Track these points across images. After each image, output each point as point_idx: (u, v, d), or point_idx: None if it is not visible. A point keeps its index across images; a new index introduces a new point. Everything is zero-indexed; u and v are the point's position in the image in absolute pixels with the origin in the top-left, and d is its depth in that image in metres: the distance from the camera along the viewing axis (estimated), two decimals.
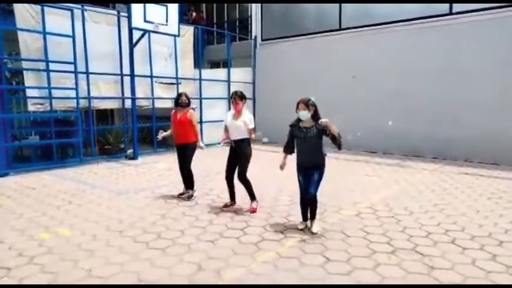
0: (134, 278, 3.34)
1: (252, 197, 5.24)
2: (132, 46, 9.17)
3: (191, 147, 5.79)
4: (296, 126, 4.39)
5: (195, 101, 11.05)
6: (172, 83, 10.89)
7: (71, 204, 5.62)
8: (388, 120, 10.21)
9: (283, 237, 4.30)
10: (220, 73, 12.90)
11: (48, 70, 8.14)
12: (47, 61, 8.10)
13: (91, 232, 4.44)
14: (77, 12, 8.56)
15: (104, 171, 8.20)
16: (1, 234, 4.38)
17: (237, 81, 12.91)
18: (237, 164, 5.11)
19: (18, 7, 7.84)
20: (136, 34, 9.12)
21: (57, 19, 8.27)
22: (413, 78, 9.77)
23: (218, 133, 11.59)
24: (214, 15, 17.26)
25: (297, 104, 4.30)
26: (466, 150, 9.02)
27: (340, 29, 11.21)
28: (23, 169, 7.94)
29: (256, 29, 13.42)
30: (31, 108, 8.31)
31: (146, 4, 8.67)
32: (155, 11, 8.87)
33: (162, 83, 10.70)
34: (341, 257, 3.75)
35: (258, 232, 4.44)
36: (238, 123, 5.06)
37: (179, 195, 5.98)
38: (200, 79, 11.68)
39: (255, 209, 5.16)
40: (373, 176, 7.58)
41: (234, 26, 16.49)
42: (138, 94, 9.80)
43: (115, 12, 9.79)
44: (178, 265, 3.59)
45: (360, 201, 5.75)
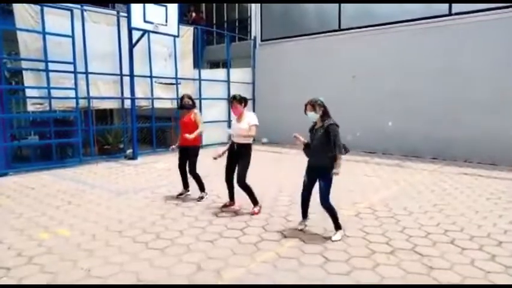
0: (133, 278, 3.34)
1: (255, 203, 5.13)
2: (132, 46, 9.18)
3: (195, 150, 5.72)
4: (312, 128, 4.33)
5: (195, 101, 11.04)
6: (172, 83, 10.89)
7: (70, 204, 5.62)
8: (388, 120, 10.22)
9: (282, 237, 4.31)
10: (219, 73, 12.90)
11: (47, 70, 8.14)
12: (47, 61, 8.10)
13: (90, 232, 4.44)
14: (76, 12, 8.56)
15: (103, 171, 8.20)
16: (0, 234, 4.38)
17: (237, 81, 12.93)
18: (237, 167, 5.01)
19: (17, 7, 7.84)
20: (136, 34, 9.13)
21: (56, 19, 8.27)
22: (413, 78, 9.78)
23: (217, 133, 11.73)
24: (213, 15, 17.26)
25: (305, 106, 4.22)
26: (466, 150, 9.03)
27: (340, 30, 11.22)
28: (23, 169, 7.94)
29: (255, 29, 13.43)
30: (30, 108, 8.31)
31: (145, 4, 8.67)
32: (154, 11, 8.87)
33: (162, 83, 10.71)
34: (341, 257, 3.75)
35: (258, 232, 4.44)
36: (242, 125, 4.97)
37: (178, 195, 5.98)
38: (200, 79, 11.68)
39: (256, 213, 5.07)
40: (372, 176, 7.59)
41: (234, 27, 16.50)
42: (137, 94, 9.80)
43: (115, 12, 9.80)
44: (178, 265, 3.58)
45: (359, 201, 5.75)
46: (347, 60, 10.99)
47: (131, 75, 9.32)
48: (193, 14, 15.12)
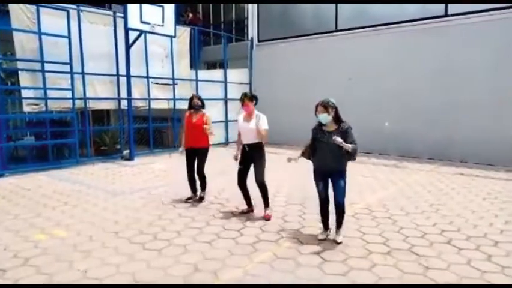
0: (130, 279, 3.32)
1: (266, 204, 4.99)
2: (128, 47, 9.16)
3: (204, 151, 5.64)
4: (318, 129, 4.13)
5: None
6: (169, 84, 10.87)
7: (66, 205, 5.59)
8: (384, 121, 10.25)
9: (279, 237, 4.31)
10: (216, 74, 12.89)
11: (43, 71, 8.10)
12: (43, 61, 8.06)
13: (87, 233, 4.42)
14: (73, 12, 8.52)
15: (100, 172, 8.17)
16: None
17: (234, 82, 12.93)
18: (253, 168, 4.88)
19: (13, 7, 7.80)
20: (132, 35, 9.11)
21: (53, 19, 8.23)
22: (409, 79, 9.82)
23: (215, 134, 11.65)
24: (210, 16, 17.27)
25: (316, 107, 4.04)
26: (462, 151, 9.06)
27: (336, 30, 11.25)
28: (19, 170, 7.90)
29: (252, 30, 13.43)
30: (26, 108, 8.27)
31: (142, 5, 8.65)
32: (151, 12, 8.86)
33: (158, 84, 10.68)
34: (338, 258, 3.75)
35: (255, 233, 4.44)
36: (251, 125, 4.82)
37: (187, 200, 5.79)
38: (196, 80, 11.66)
39: (270, 217, 4.91)
40: (369, 177, 7.60)
41: (231, 27, 16.51)
42: (134, 95, 9.77)
43: (111, 12, 9.77)
44: (175, 266, 3.57)
45: (356, 201, 5.76)
46: (344, 60, 11.01)
47: (127, 75, 9.30)
48: (190, 15, 15.12)
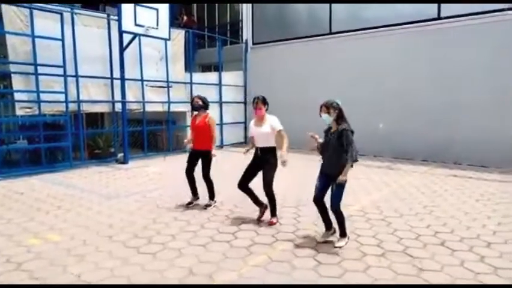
0: (124, 283, 3.31)
1: (273, 214, 4.88)
2: (122, 49, 9.13)
3: (209, 155, 5.49)
4: (327, 131, 4.15)
5: (186, 105, 11.04)
6: (163, 87, 10.85)
7: (60, 209, 5.55)
8: (378, 123, 10.31)
9: (274, 240, 4.31)
10: (211, 77, 12.90)
11: (37, 74, 8.05)
12: (36, 64, 8.01)
13: (81, 237, 4.39)
14: (66, 15, 8.49)
15: (94, 175, 8.13)
16: None
17: (229, 84, 12.94)
18: (262, 175, 4.75)
19: (6, 10, 7.75)
20: (127, 37, 9.09)
21: (46, 22, 8.19)
22: (403, 81, 9.89)
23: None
24: (205, 19, 17.29)
25: (320, 107, 4.07)
26: (456, 152, 9.14)
27: (331, 33, 11.31)
28: (11, 174, 7.82)
29: (247, 33, 13.47)
30: (19, 112, 8.19)
31: (136, 7, 8.63)
32: (145, 15, 8.84)
33: (153, 87, 10.66)
34: (332, 260, 3.76)
35: (250, 236, 4.44)
36: (264, 129, 4.73)
37: (187, 204, 5.68)
38: (191, 83, 11.65)
39: (275, 223, 4.81)
40: (363, 179, 7.63)
41: (225, 30, 16.54)
42: (129, 98, 9.74)
43: (105, 15, 9.74)
44: (169, 270, 3.56)
45: (350, 203, 5.77)
46: (338, 63, 11.07)
47: (122, 78, 9.27)
48: (184, 18, 15.14)
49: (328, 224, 4.28)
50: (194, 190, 5.74)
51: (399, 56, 9.99)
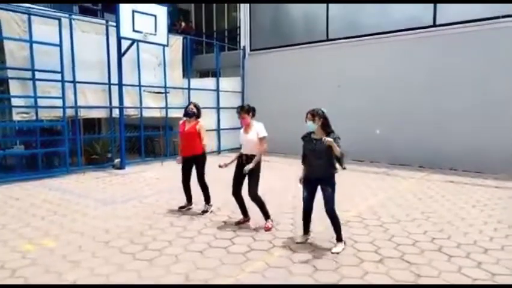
0: None
1: (266, 216, 4.92)
2: (120, 55, 9.15)
3: (201, 158, 5.52)
4: (307, 137, 4.26)
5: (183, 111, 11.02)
6: (161, 92, 10.86)
7: (56, 214, 5.52)
8: (375, 129, 10.34)
9: (271, 246, 4.30)
10: (209, 82, 12.91)
11: (34, 79, 8.04)
12: (33, 70, 8.01)
13: (76, 243, 4.36)
14: (64, 21, 8.51)
15: (90, 181, 8.09)
16: None
17: (226, 90, 12.96)
18: (247, 181, 4.80)
19: (4, 16, 7.76)
20: (125, 43, 9.11)
21: (44, 28, 8.20)
22: (400, 88, 9.94)
23: (207, 142, 11.63)
24: (203, 25, 17.35)
25: (306, 115, 4.20)
26: (452, 159, 9.16)
27: (327, 40, 11.37)
28: (7, 179, 7.77)
29: (245, 39, 13.53)
30: (16, 117, 8.17)
31: (134, 13, 8.66)
32: (144, 21, 8.87)
33: (151, 92, 10.67)
34: (329, 266, 3.75)
35: (247, 242, 4.42)
36: (250, 136, 4.79)
37: (180, 208, 5.72)
38: (189, 88, 11.67)
39: (270, 228, 4.84)
40: (360, 185, 7.63)
41: (223, 36, 16.60)
42: (126, 103, 9.74)
43: (103, 21, 9.77)
44: (166, 276, 3.54)
45: (348, 209, 5.78)
46: (335, 69, 11.12)
47: (119, 84, 9.28)
48: (182, 24, 15.20)
49: (307, 228, 4.48)
50: (189, 196, 5.78)
51: (394, 64, 10.04)
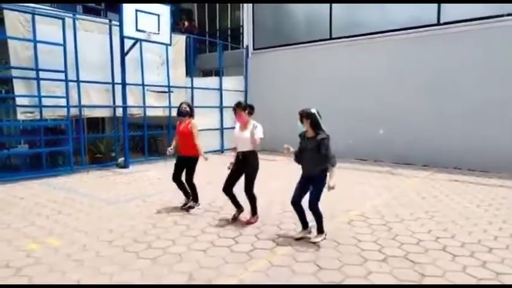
0: None
1: (254, 212, 5.06)
2: (124, 55, 9.17)
3: (193, 160, 5.60)
4: (302, 136, 4.38)
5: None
6: (164, 92, 10.87)
7: (60, 213, 5.54)
8: (379, 128, 10.31)
9: (275, 245, 4.29)
10: (212, 81, 12.92)
11: (38, 78, 8.08)
12: (37, 69, 8.04)
13: (81, 242, 4.38)
14: (68, 20, 8.53)
15: (94, 180, 8.12)
16: None
17: (229, 89, 12.95)
18: (244, 177, 4.91)
19: (8, 15, 7.79)
20: (128, 43, 9.12)
21: (48, 27, 8.22)
22: (404, 87, 9.90)
23: (210, 141, 11.68)
24: (206, 24, 17.35)
25: (299, 115, 4.31)
26: (456, 157, 9.12)
27: (331, 38, 11.34)
28: (12, 178, 7.82)
29: (248, 38, 13.51)
30: (20, 116, 8.21)
31: (138, 13, 8.67)
32: (147, 20, 8.88)
33: (154, 92, 10.69)
34: (333, 265, 3.75)
35: (250, 241, 4.42)
36: (245, 134, 4.88)
37: (182, 206, 5.76)
38: (192, 87, 11.68)
39: (252, 222, 4.98)
40: (364, 184, 7.62)
41: (226, 35, 16.59)
42: (129, 102, 9.76)
43: (107, 20, 9.79)
44: (170, 275, 3.55)
45: (351, 208, 5.76)
46: (338, 68, 11.09)
47: (123, 83, 9.29)
48: (185, 23, 15.20)
49: (305, 224, 4.52)
50: (186, 192, 5.82)
51: (397, 62, 10.00)
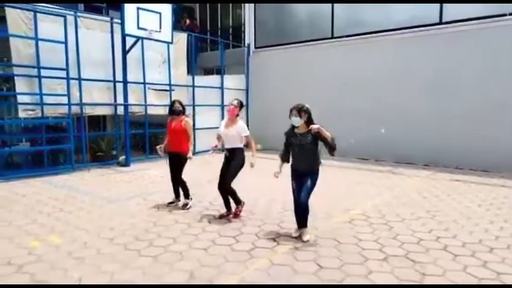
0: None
1: (237, 202, 5.20)
2: (125, 53, 9.16)
3: (182, 157, 5.66)
4: (291, 132, 4.40)
5: (188, 108, 11.03)
6: (165, 90, 10.87)
7: (61, 211, 5.55)
8: (380, 128, 10.30)
9: (276, 244, 4.29)
10: (213, 80, 12.91)
11: (40, 76, 8.08)
12: (39, 67, 8.04)
13: (82, 240, 4.39)
14: (70, 18, 8.53)
15: (95, 178, 8.14)
16: None
17: (231, 88, 12.95)
18: (227, 171, 5.06)
19: (10, 13, 7.79)
20: (129, 41, 9.12)
21: (50, 25, 8.22)
22: (405, 86, 9.88)
23: (211, 140, 11.65)
24: (207, 22, 17.32)
25: (290, 111, 4.32)
26: (457, 157, 9.11)
27: (332, 37, 11.32)
28: (13, 176, 7.83)
29: (249, 37, 13.50)
30: (22, 114, 8.21)
31: (139, 11, 8.66)
32: (148, 18, 8.87)
33: (155, 90, 10.69)
34: (334, 264, 3.75)
35: (251, 239, 4.43)
36: (231, 132, 5.03)
37: (169, 203, 5.88)
38: (193, 86, 11.68)
39: (238, 213, 5.15)
40: (365, 183, 7.61)
41: (228, 34, 16.57)
42: (131, 101, 9.76)
43: (108, 18, 9.79)
44: (171, 273, 3.55)
45: (352, 207, 5.76)
46: (340, 67, 11.07)
47: (124, 81, 9.30)
48: (187, 21, 15.17)
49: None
50: (177, 192, 5.92)
51: (399, 61, 9.96)
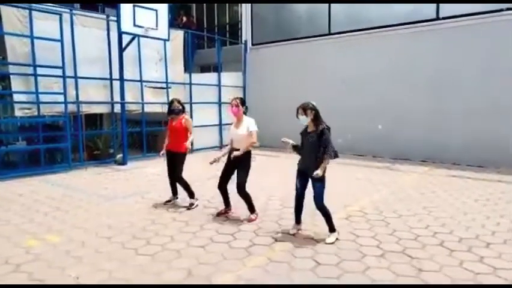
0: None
1: (252, 211, 5.05)
2: (121, 50, 9.12)
3: (182, 156, 5.63)
4: (304, 131, 4.37)
5: (186, 106, 11.00)
6: (162, 88, 10.84)
7: (59, 210, 5.54)
8: (378, 124, 10.31)
9: (273, 241, 4.30)
10: (210, 77, 12.88)
11: (36, 74, 8.04)
12: (35, 66, 8.00)
13: (79, 238, 4.38)
14: (65, 16, 8.48)
15: (93, 176, 8.12)
16: None
17: (228, 85, 12.93)
18: (236, 176, 4.91)
19: (5, 11, 7.73)
20: (126, 38, 9.08)
21: (45, 23, 8.18)
22: (403, 82, 9.90)
23: (208, 137, 11.69)
24: (204, 19, 17.28)
25: (297, 110, 4.27)
26: (454, 153, 9.14)
27: (330, 34, 11.31)
28: (10, 175, 7.80)
29: (246, 34, 13.47)
30: (18, 113, 8.17)
31: (135, 8, 8.62)
32: (144, 15, 8.83)
33: (152, 88, 10.65)
34: (331, 261, 3.76)
35: (249, 237, 4.43)
36: (240, 131, 4.95)
37: (166, 202, 5.87)
38: (190, 83, 11.65)
39: (253, 220, 4.98)
40: (362, 179, 7.63)
41: (224, 31, 16.53)
42: (128, 99, 9.73)
43: (104, 16, 9.74)
44: (168, 271, 3.56)
45: (350, 204, 5.78)
46: (338, 64, 11.07)
47: (121, 79, 9.26)
48: (183, 18, 15.12)
49: (298, 219, 4.59)
50: (175, 190, 5.90)
51: (396, 58, 9.99)
